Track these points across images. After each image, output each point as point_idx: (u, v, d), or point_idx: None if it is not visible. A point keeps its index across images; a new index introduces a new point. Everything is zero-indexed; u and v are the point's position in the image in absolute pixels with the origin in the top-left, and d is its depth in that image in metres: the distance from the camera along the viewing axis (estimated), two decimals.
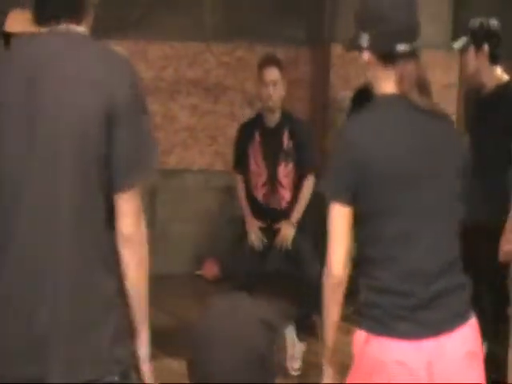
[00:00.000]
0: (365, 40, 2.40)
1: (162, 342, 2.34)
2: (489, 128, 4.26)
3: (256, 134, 4.86)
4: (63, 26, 2.25)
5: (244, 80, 6.37)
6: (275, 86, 4.75)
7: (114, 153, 2.19)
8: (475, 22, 4.22)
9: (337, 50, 6.15)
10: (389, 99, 2.43)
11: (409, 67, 2.39)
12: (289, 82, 4.97)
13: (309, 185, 4.85)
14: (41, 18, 2.27)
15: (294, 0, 6.50)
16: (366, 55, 2.43)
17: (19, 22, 4.69)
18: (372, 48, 2.41)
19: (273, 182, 4.87)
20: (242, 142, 4.98)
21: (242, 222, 5.01)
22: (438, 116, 2.45)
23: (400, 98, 2.41)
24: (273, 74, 4.76)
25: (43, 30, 2.26)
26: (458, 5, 6.19)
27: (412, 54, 2.40)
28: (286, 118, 4.88)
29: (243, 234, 4.93)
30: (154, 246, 2.26)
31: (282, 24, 6.45)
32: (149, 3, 6.30)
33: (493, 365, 3.76)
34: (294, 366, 4.69)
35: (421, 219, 2.40)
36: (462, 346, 2.39)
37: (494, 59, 4.23)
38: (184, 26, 6.38)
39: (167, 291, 2.14)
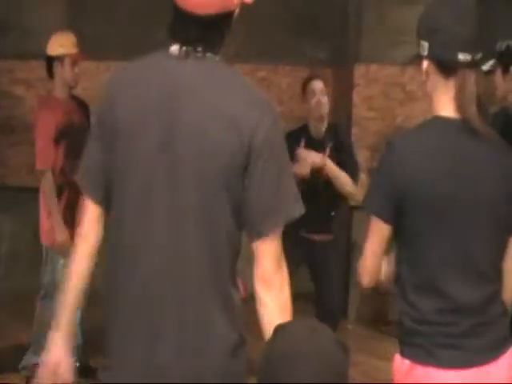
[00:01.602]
0: (425, 48, 2.29)
1: None
2: None
3: (301, 143, 4.81)
4: (201, 52, 2.10)
5: None
6: (323, 95, 4.84)
7: (253, 196, 2.05)
8: (502, 45, 4.25)
9: (360, 70, 6.21)
10: (444, 120, 2.32)
11: (470, 79, 2.27)
12: None
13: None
14: (178, 39, 2.12)
15: (317, 20, 6.53)
16: (425, 64, 2.32)
17: (61, 44, 4.68)
18: (432, 56, 2.30)
19: None
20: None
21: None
22: (490, 141, 2.32)
23: (455, 121, 2.30)
24: (320, 84, 4.86)
25: (176, 49, 2.12)
26: (482, 26, 6.21)
27: (473, 66, 2.28)
28: (332, 130, 4.90)
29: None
30: None
31: (306, 44, 6.48)
32: None
33: None
34: None
35: (462, 248, 2.30)
36: (506, 372, 2.35)
37: None
38: None
39: None
